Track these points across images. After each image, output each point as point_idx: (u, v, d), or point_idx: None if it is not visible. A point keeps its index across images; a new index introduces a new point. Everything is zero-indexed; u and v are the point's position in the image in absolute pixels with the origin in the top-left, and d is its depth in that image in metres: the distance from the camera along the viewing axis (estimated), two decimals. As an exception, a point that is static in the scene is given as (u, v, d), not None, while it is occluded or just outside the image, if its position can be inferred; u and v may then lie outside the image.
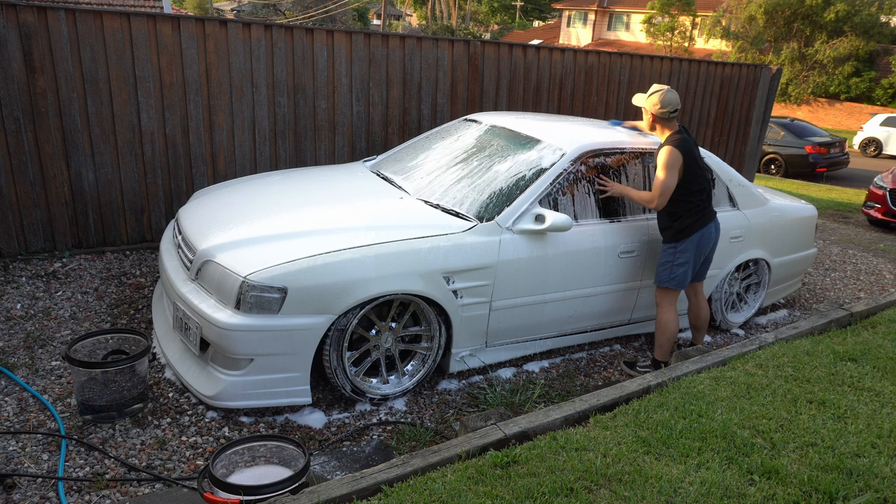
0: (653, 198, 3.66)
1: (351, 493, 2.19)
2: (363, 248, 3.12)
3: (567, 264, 3.69)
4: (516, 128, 4.18)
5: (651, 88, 3.73)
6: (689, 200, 3.73)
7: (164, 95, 4.80)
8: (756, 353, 3.56)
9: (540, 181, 3.62)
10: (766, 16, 27.69)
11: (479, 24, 54.64)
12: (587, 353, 4.19)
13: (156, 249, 5.06)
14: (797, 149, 13.97)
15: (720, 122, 7.89)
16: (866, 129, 20.33)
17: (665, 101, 3.66)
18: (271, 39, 5.05)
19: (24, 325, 3.78)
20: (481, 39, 6.14)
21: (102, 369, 2.91)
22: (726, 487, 2.32)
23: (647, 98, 3.73)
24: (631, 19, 38.24)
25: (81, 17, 4.42)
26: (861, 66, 27.80)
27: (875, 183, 9.08)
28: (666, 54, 12.28)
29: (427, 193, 3.79)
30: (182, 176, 5.04)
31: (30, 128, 4.44)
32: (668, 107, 3.66)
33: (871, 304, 4.51)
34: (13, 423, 2.93)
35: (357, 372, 3.27)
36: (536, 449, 2.51)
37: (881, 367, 3.45)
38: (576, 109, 6.74)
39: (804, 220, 4.95)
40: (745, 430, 2.72)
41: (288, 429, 3.11)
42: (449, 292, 3.31)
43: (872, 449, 2.65)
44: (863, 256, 7.10)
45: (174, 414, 3.11)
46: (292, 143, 5.37)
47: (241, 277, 2.93)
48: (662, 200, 3.65)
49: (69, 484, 2.59)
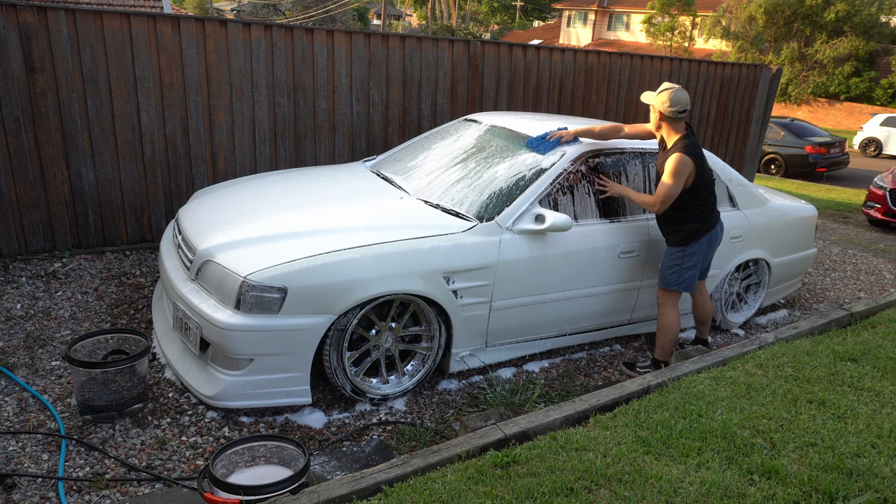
0: (655, 202, 3.61)
1: (351, 493, 2.19)
2: (363, 248, 3.12)
3: (567, 264, 3.69)
4: (516, 128, 4.18)
5: (661, 86, 3.65)
6: (699, 204, 3.70)
7: (164, 95, 4.80)
8: (756, 353, 3.56)
9: (540, 181, 3.62)
10: (766, 16, 27.69)
11: (479, 24, 54.64)
12: (587, 353, 4.19)
13: (156, 249, 5.06)
14: (797, 149, 13.97)
15: (720, 122, 7.89)
16: (866, 129, 20.33)
17: (675, 100, 3.55)
18: (271, 39, 5.05)
19: (24, 325, 3.78)
20: (481, 39, 6.14)
21: (102, 369, 2.91)
22: (726, 487, 2.32)
23: (657, 96, 3.61)
24: (631, 19, 38.24)
25: (81, 17, 4.42)
26: (861, 66, 27.80)
27: (875, 183, 9.08)
28: (666, 54, 12.28)
29: (427, 193, 3.79)
30: (182, 176, 5.04)
31: (30, 128, 4.44)
32: (678, 106, 3.55)
33: (871, 304, 4.51)
34: (13, 423, 2.93)
35: (357, 372, 3.27)
36: (536, 449, 2.51)
37: (881, 367, 3.45)
38: (576, 109, 6.74)
39: (804, 220, 4.95)
40: (745, 430, 2.72)
41: (288, 429, 3.11)
42: (449, 292, 3.31)
43: (872, 449, 2.65)
44: (863, 256, 7.10)
45: (174, 414, 3.11)
46: (292, 143, 5.37)
47: (241, 277, 2.93)
48: (664, 207, 3.61)
49: (69, 484, 2.59)
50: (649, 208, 3.67)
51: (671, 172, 3.54)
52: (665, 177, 3.58)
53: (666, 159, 3.61)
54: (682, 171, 3.54)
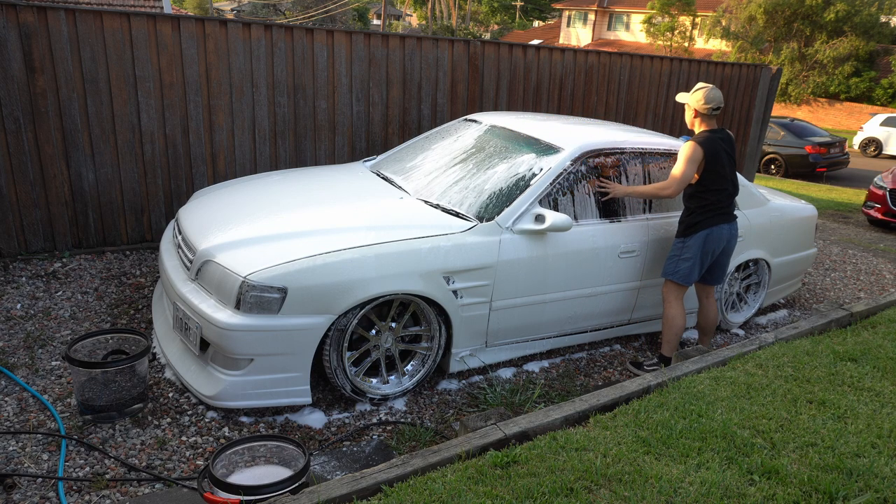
0: (667, 185, 3.75)
1: (351, 493, 2.19)
2: (363, 248, 3.12)
3: (567, 264, 3.69)
4: (516, 128, 4.18)
5: (696, 86, 3.86)
6: (703, 198, 3.81)
7: (164, 95, 4.80)
8: (756, 353, 3.56)
9: (540, 181, 3.62)
10: (766, 16, 27.69)
11: (479, 24, 54.64)
12: (587, 353, 4.19)
13: (156, 249, 5.06)
14: (797, 149, 13.97)
15: (720, 122, 7.89)
16: (866, 129, 20.33)
17: (709, 98, 3.76)
18: (271, 39, 5.05)
19: (24, 325, 3.78)
20: (481, 39, 6.14)
21: (102, 369, 2.91)
22: (726, 487, 2.32)
23: (692, 95, 3.83)
24: (631, 19, 38.24)
25: (81, 17, 4.42)
26: (861, 66, 27.80)
27: (875, 183, 9.08)
28: (666, 54, 12.28)
29: (427, 193, 3.79)
30: (182, 176, 5.04)
31: (30, 128, 4.44)
32: (712, 103, 3.76)
33: (871, 304, 4.51)
34: (13, 423, 2.93)
35: (357, 372, 3.27)
36: (536, 449, 2.51)
37: (881, 367, 3.45)
38: (576, 109, 6.74)
39: (804, 220, 4.95)
40: (745, 430, 2.72)
41: (288, 429, 3.11)
42: (449, 292, 3.31)
43: (872, 449, 2.65)
44: (863, 256, 7.10)
45: (174, 414, 3.11)
46: (292, 143, 5.37)
47: (241, 277, 2.93)
48: (677, 189, 3.74)
49: (69, 484, 2.59)
50: (662, 192, 3.76)
51: (683, 157, 3.74)
52: (678, 161, 3.77)
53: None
54: (692, 157, 3.71)
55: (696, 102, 3.80)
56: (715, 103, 3.77)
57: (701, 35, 32.56)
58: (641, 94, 7.13)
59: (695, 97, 3.82)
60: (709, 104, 3.78)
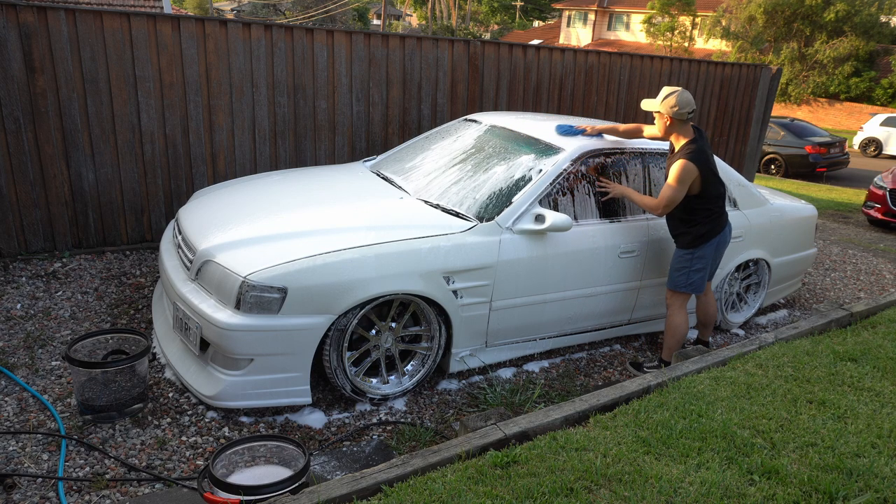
0: (657, 206, 3.63)
1: (351, 493, 2.19)
2: (363, 248, 3.12)
3: (567, 264, 3.69)
4: (516, 128, 4.18)
5: (662, 91, 3.61)
6: (707, 208, 3.72)
7: (164, 95, 4.80)
8: (756, 353, 3.56)
9: (540, 181, 3.62)
10: (766, 16, 27.68)
11: (479, 24, 54.63)
12: (587, 353, 4.19)
13: (156, 249, 5.06)
14: (797, 149, 13.97)
15: (720, 122, 7.89)
16: (866, 129, 20.33)
17: (683, 102, 3.53)
18: (271, 39, 5.05)
19: (24, 325, 3.78)
20: (481, 39, 6.14)
21: (102, 369, 2.91)
22: (726, 487, 2.32)
23: (662, 101, 3.58)
24: (631, 19, 38.23)
25: (81, 17, 4.42)
26: (861, 66, 27.79)
27: (875, 183, 9.08)
28: (666, 54, 12.28)
29: (427, 193, 3.79)
30: (182, 176, 5.04)
31: (30, 128, 4.44)
32: (687, 107, 3.54)
33: (871, 304, 4.51)
34: (13, 423, 2.93)
35: (357, 372, 3.27)
36: (536, 449, 2.51)
37: (881, 367, 3.45)
38: (576, 109, 6.74)
39: (804, 220, 4.95)
40: (745, 430, 2.72)
41: (288, 429, 3.11)
42: (449, 292, 3.31)
43: (872, 449, 2.65)
44: (863, 256, 7.10)
45: (174, 414, 3.11)
46: (292, 143, 5.37)
47: (241, 277, 2.93)
48: (665, 211, 3.64)
49: (69, 484, 2.59)
50: (652, 211, 3.68)
51: (675, 178, 3.55)
52: (670, 180, 3.59)
53: (672, 164, 3.63)
54: (685, 178, 3.55)
55: (669, 109, 3.54)
56: (689, 107, 3.54)
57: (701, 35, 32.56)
58: (641, 94, 7.13)
59: (666, 103, 3.55)
60: (684, 108, 3.53)
